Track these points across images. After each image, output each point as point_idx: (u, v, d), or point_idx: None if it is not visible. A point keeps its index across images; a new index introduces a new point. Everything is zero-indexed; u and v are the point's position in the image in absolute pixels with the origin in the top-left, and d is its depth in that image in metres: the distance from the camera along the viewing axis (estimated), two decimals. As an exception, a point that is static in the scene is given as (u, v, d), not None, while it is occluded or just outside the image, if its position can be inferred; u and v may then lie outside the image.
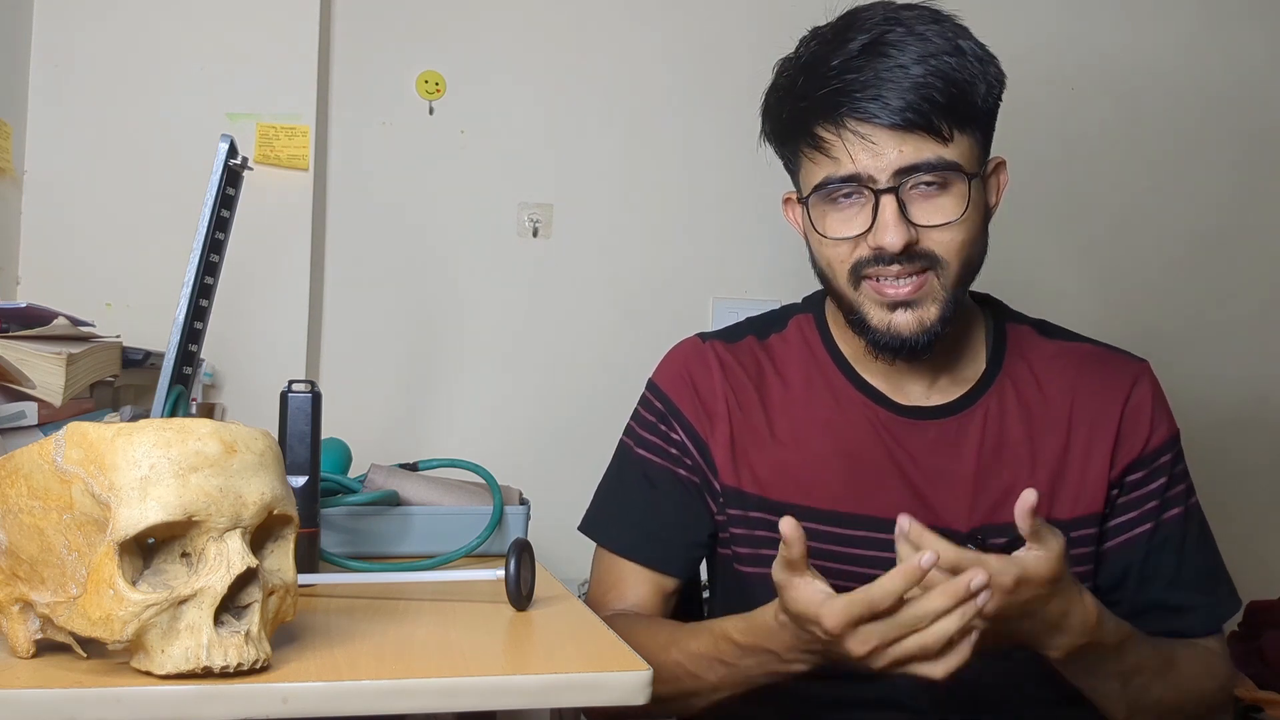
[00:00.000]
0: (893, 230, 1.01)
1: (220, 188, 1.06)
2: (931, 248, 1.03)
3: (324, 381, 1.83)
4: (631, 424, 1.21)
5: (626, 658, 0.73)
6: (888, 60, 1.02)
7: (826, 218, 1.07)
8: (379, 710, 0.66)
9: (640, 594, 1.15)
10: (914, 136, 1.01)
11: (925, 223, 1.03)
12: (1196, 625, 1.12)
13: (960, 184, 1.03)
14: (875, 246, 1.03)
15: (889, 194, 1.02)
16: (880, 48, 1.02)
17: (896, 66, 1.01)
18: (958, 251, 1.04)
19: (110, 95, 1.77)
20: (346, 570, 1.02)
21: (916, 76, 1.01)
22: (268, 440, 0.69)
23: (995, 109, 1.08)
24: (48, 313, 1.19)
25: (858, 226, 1.04)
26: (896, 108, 1.00)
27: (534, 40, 1.99)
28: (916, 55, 1.02)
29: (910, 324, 1.05)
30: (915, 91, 1.00)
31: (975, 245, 1.07)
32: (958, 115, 1.03)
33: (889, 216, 1.01)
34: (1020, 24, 2.13)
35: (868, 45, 1.03)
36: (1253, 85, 2.23)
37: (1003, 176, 1.13)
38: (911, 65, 1.01)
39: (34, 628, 0.68)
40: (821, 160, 1.06)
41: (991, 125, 1.09)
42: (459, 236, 1.95)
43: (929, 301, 1.05)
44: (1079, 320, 1.32)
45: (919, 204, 1.03)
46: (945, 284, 1.05)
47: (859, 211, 1.04)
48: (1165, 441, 1.14)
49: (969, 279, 1.09)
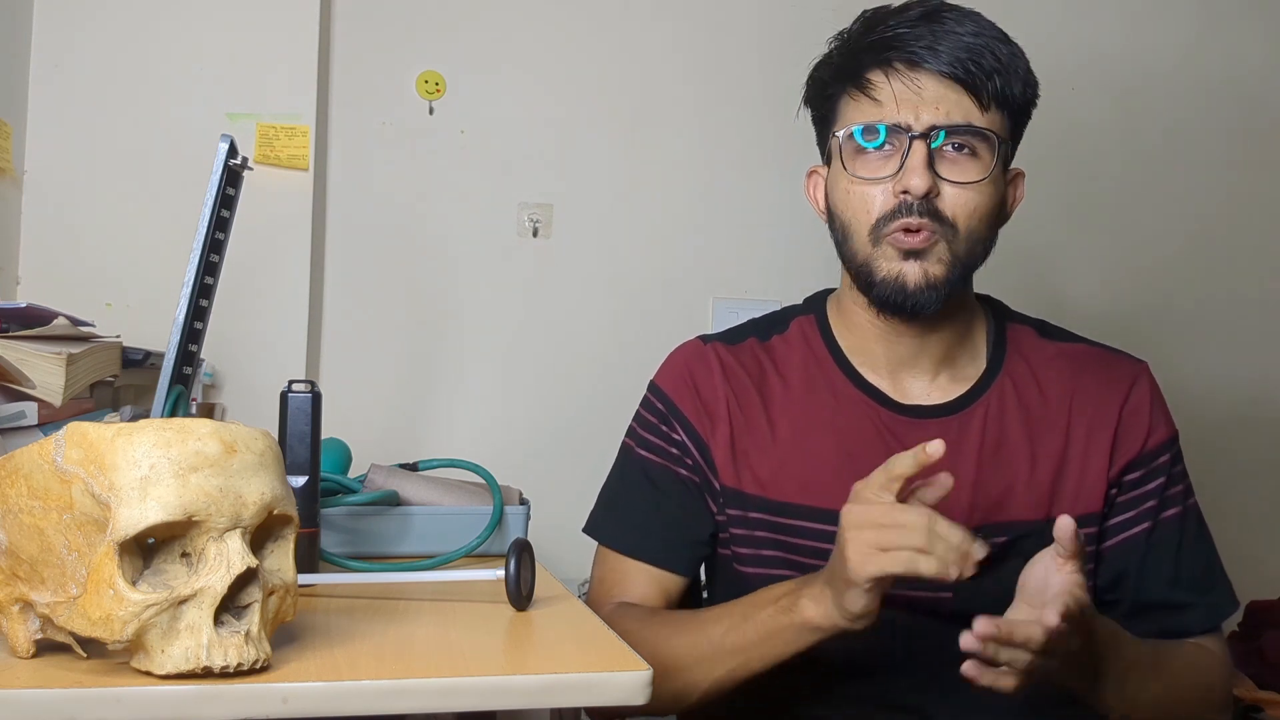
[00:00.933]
0: (919, 174, 1.04)
1: (220, 188, 1.06)
2: (946, 209, 1.05)
3: (324, 381, 1.83)
4: (633, 425, 1.22)
5: (626, 658, 0.73)
6: (944, 26, 1.07)
7: (855, 160, 1.09)
8: (379, 710, 0.66)
9: (643, 592, 1.15)
10: (956, 93, 1.06)
11: (949, 177, 1.06)
12: (1194, 624, 1.13)
13: (987, 155, 1.07)
14: (901, 190, 1.05)
15: (921, 139, 1.05)
16: (938, 16, 1.08)
17: (951, 31, 1.07)
18: (968, 217, 1.06)
19: (110, 95, 1.77)
20: (346, 570, 1.02)
21: (970, 41, 1.06)
22: (268, 440, 0.69)
23: (1028, 110, 1.12)
24: (48, 313, 1.19)
25: (888, 170, 1.07)
26: (947, 59, 1.06)
27: (534, 40, 1.99)
28: (972, 29, 1.07)
29: (917, 275, 1.06)
30: (967, 50, 1.06)
31: (984, 223, 1.08)
32: (999, 89, 1.07)
33: (917, 161, 1.04)
34: (1020, 23, 2.11)
35: (927, 13, 1.09)
36: (1252, 84, 2.23)
37: (1020, 188, 1.15)
38: (966, 34, 1.07)
39: (34, 628, 0.68)
40: (864, 101, 1.09)
41: (1022, 125, 1.13)
42: (459, 236, 1.95)
43: (936, 259, 1.06)
44: (1078, 319, 1.32)
45: (946, 163, 1.06)
46: (953, 250, 1.06)
47: (887, 160, 1.07)
48: (1164, 442, 1.15)
49: (974, 257, 1.09)
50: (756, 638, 1.00)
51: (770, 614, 1.00)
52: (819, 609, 0.96)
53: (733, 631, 1.02)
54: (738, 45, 2.04)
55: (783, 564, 1.10)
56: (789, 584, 1.01)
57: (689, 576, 1.19)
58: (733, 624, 1.03)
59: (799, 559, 1.09)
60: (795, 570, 1.07)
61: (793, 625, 0.98)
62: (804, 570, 1.04)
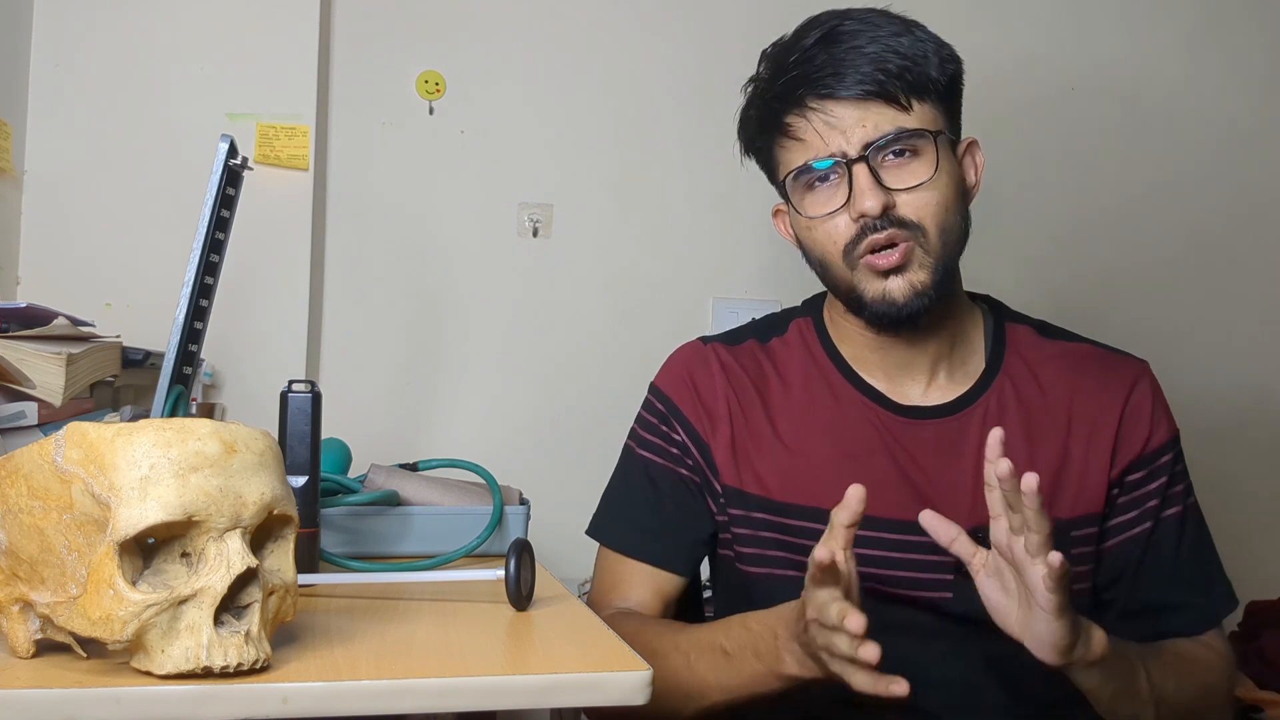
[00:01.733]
0: (869, 194, 1.04)
1: (220, 188, 1.06)
2: (907, 214, 1.06)
3: (324, 381, 1.83)
4: (635, 427, 1.22)
5: (626, 658, 0.73)
6: (841, 45, 1.07)
7: (805, 200, 1.10)
8: (379, 710, 0.66)
9: (643, 592, 1.16)
10: (874, 108, 1.05)
11: (898, 186, 1.05)
12: (1192, 624, 1.13)
13: (928, 150, 1.06)
14: (857, 215, 1.05)
15: (860, 163, 1.05)
16: (834, 36, 1.08)
17: (850, 49, 1.07)
18: (933, 215, 1.06)
19: (110, 95, 1.77)
20: (346, 570, 1.02)
21: (870, 53, 1.06)
22: (268, 440, 0.69)
23: (956, 85, 1.12)
24: (48, 313, 1.19)
25: (837, 201, 1.07)
26: (853, 80, 1.05)
27: (534, 40, 1.99)
28: (869, 38, 1.07)
29: (902, 288, 1.06)
30: (870, 63, 1.05)
31: (951, 213, 1.08)
32: (913, 84, 1.06)
33: (864, 183, 1.05)
34: (1020, 26, 2.14)
35: (822, 37, 1.08)
36: (1252, 85, 2.23)
37: (978, 156, 1.15)
38: (865, 45, 1.06)
39: (34, 628, 0.68)
40: (793, 146, 1.10)
41: (955, 101, 1.12)
42: (459, 236, 1.95)
43: (917, 266, 1.06)
44: (1078, 320, 1.32)
45: (891, 171, 1.06)
46: (930, 251, 1.06)
47: (835, 190, 1.07)
48: (1165, 442, 1.15)
49: (951, 248, 1.09)
50: (740, 681, 1.00)
51: (749, 662, 0.99)
52: (801, 667, 0.94)
53: (716, 671, 1.01)
54: (737, 46, 2.03)
55: (787, 564, 1.10)
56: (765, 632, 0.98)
57: (688, 577, 1.19)
58: (715, 664, 1.01)
59: (803, 559, 1.09)
60: (799, 570, 1.07)
61: (775, 675, 0.97)
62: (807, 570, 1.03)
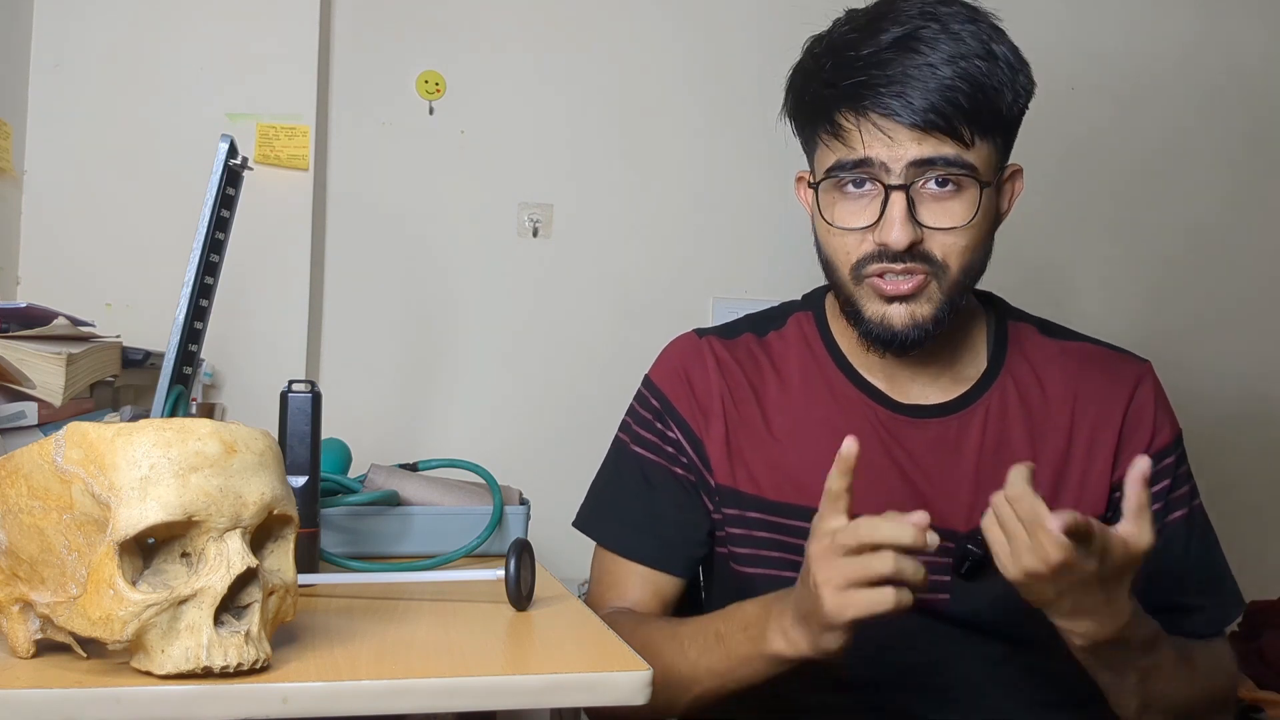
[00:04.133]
0: (899, 228, 1.00)
1: (220, 188, 1.06)
2: (934, 250, 1.03)
3: (324, 381, 1.83)
4: (627, 419, 1.20)
5: (626, 658, 0.73)
6: (917, 57, 1.00)
7: (835, 206, 1.05)
8: (379, 710, 0.66)
9: (641, 594, 1.15)
10: (934, 136, 1.00)
11: (932, 224, 1.02)
12: (1201, 627, 1.12)
13: (973, 189, 1.02)
14: (880, 242, 1.02)
15: (899, 190, 1.01)
16: (911, 43, 1.00)
17: (925, 65, 0.99)
18: (959, 256, 1.04)
19: (110, 95, 1.77)
20: (346, 570, 1.02)
21: (944, 78, 0.99)
22: (268, 440, 0.69)
23: (1020, 117, 1.07)
24: (48, 313, 1.19)
25: (865, 219, 1.03)
26: (920, 108, 0.99)
27: (534, 40, 1.99)
28: (947, 55, 1.00)
29: (903, 317, 1.04)
30: (941, 94, 0.99)
31: (978, 252, 1.06)
32: (981, 122, 1.01)
33: (896, 213, 1.01)
34: (1020, 24, 2.11)
35: (899, 39, 1.01)
36: (1252, 84, 2.23)
37: (1018, 184, 1.12)
38: (941, 65, 0.99)
39: (34, 628, 0.68)
40: (838, 147, 1.04)
41: (1014, 133, 1.08)
42: (459, 236, 1.95)
43: (924, 300, 1.04)
44: (1079, 319, 1.32)
45: (928, 204, 1.02)
46: (943, 288, 1.04)
47: (868, 204, 1.03)
48: (1169, 443, 1.14)
49: (968, 285, 1.08)
50: (729, 664, 0.99)
51: (739, 641, 0.98)
52: (787, 643, 0.94)
53: (707, 654, 1.01)
54: (738, 45, 2.03)
55: (783, 565, 1.10)
56: (758, 608, 0.98)
57: (686, 578, 1.18)
58: (707, 645, 1.01)
59: (799, 560, 1.09)
60: (795, 571, 1.07)
61: (761, 655, 0.96)
62: None
